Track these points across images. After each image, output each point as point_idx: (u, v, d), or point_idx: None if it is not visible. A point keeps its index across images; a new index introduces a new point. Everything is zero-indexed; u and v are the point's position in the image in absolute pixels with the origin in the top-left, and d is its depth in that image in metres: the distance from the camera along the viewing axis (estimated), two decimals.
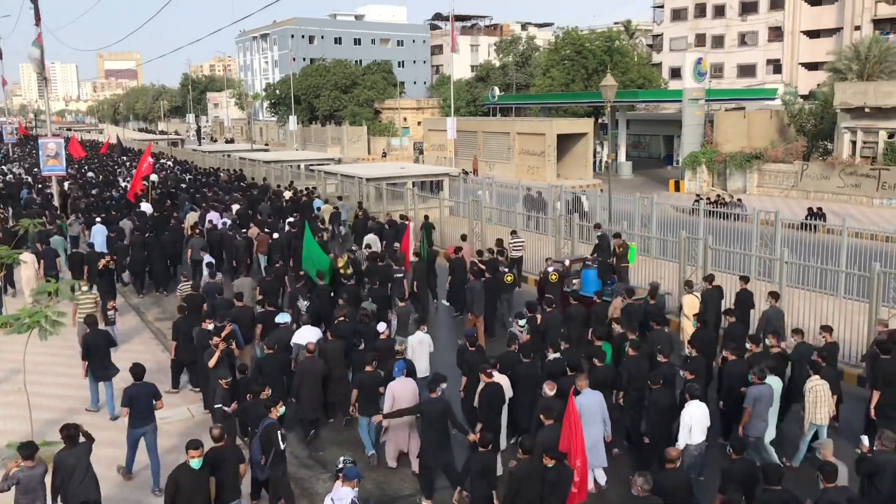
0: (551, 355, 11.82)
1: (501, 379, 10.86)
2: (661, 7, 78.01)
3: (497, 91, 71.14)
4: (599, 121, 61.38)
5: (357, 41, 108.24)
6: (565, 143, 52.07)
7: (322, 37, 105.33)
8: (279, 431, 9.67)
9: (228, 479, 9.11)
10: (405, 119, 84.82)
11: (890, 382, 10.99)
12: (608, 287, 17.17)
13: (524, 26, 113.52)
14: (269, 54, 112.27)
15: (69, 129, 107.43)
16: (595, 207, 27.60)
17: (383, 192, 30.58)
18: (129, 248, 21.46)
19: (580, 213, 26.55)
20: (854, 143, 39.03)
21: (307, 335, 12.97)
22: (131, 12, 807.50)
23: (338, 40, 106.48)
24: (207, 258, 19.52)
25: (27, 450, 8.77)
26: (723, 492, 8.14)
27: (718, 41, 72.27)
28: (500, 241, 20.21)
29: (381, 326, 13.09)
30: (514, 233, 22.19)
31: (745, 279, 15.78)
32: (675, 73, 66.92)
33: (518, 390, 11.10)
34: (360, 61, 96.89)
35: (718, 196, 35.79)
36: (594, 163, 57.09)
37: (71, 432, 9.07)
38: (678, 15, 75.65)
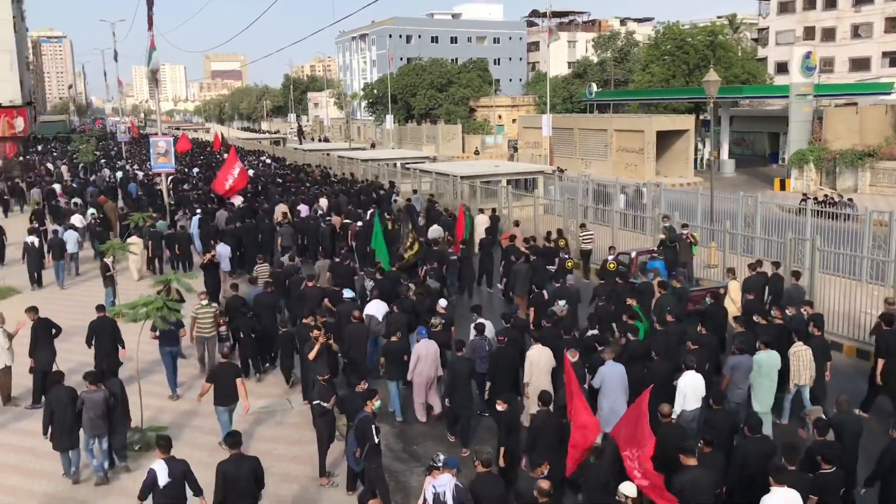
0: (589, 332, 13.08)
1: (544, 352, 11.81)
2: (768, 0, 75.17)
3: (594, 87, 70.20)
4: (701, 117, 59.71)
5: (453, 39, 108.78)
6: (665, 140, 50.87)
7: (419, 36, 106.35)
8: (373, 425, 9.79)
9: None
10: (500, 117, 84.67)
11: (891, 352, 12.04)
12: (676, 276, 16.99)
13: (623, 21, 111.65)
14: (368, 54, 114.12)
15: (177, 129, 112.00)
16: (659, 200, 27.46)
17: (477, 189, 30.59)
18: (222, 234, 22.94)
19: (641, 207, 27.35)
20: None
21: (375, 308, 14.77)
22: (236, 15, 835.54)
23: (434, 39, 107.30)
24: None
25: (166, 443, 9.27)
26: (702, 436, 8.96)
27: (829, 34, 69.04)
28: (559, 231, 21.18)
29: (443, 303, 14.58)
30: (583, 226, 22.81)
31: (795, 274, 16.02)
32: (782, 67, 64.40)
33: (557, 360, 11.99)
34: (456, 59, 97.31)
35: (826, 195, 34.25)
36: (695, 160, 55.55)
37: (238, 439, 9.31)
38: (785, 7, 72.68)
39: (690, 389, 10.63)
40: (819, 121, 45.43)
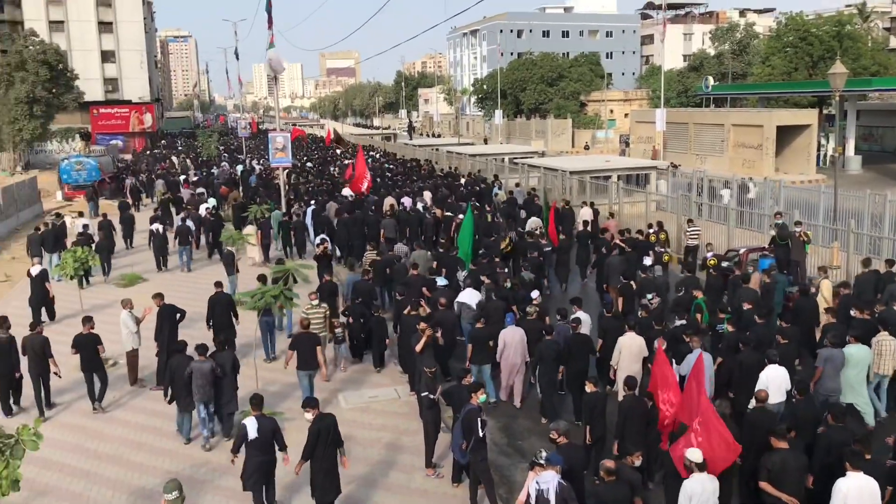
0: (678, 321, 13.46)
1: (636, 339, 12.35)
2: None
3: (711, 81, 67.95)
4: (825, 112, 56.92)
5: (565, 33, 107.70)
6: (785, 135, 48.72)
7: (530, 31, 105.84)
8: (479, 418, 9.84)
9: None
10: (611, 111, 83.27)
11: None
12: (787, 278, 16.76)
13: (742, 13, 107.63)
14: (478, 50, 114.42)
15: (294, 124, 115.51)
16: (764, 195, 26.98)
17: (587, 185, 30.22)
18: (332, 224, 24.34)
19: (748, 202, 27.30)
20: None
21: (468, 296, 15.55)
22: (351, 14, 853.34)
23: (546, 33, 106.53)
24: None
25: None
26: (785, 424, 9.11)
27: None
28: (659, 224, 21.37)
29: (535, 293, 15.07)
30: (690, 221, 22.70)
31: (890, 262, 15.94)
32: None
33: (650, 348, 12.47)
34: (568, 54, 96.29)
35: None
36: (818, 157, 52.98)
37: (313, 403, 9.95)
38: None
39: (772, 382, 10.72)
40: None
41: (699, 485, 8.11)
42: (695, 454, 8.28)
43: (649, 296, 14.92)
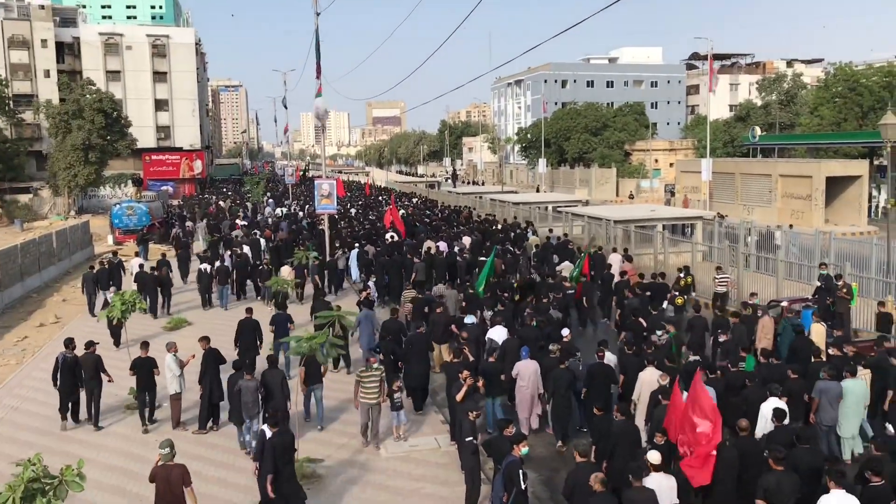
0: (691, 357, 14.34)
1: (655, 373, 12.88)
2: None
3: (758, 131, 67.42)
4: (876, 163, 55.94)
5: (609, 83, 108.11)
6: (835, 186, 47.92)
7: (574, 80, 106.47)
8: (521, 470, 9.66)
9: None
10: (656, 160, 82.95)
11: None
12: (829, 329, 16.57)
13: (790, 63, 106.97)
14: (522, 99, 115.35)
15: (339, 172, 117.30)
16: (787, 244, 27.76)
17: (631, 234, 29.98)
18: (371, 265, 26.50)
19: (768, 248, 28.35)
20: None
21: (497, 333, 16.22)
22: (398, 64, 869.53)
23: (590, 83, 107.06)
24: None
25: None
26: (767, 448, 9.77)
27: None
28: (686, 268, 23.09)
29: (565, 331, 15.85)
30: (718, 268, 23.24)
31: None
32: None
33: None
34: (612, 103, 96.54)
35: None
36: (869, 208, 51.94)
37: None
38: None
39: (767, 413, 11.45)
40: None
41: (656, 482, 9.19)
42: (654, 456, 9.44)
43: (659, 332, 15.84)
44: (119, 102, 66.76)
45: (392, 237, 31.48)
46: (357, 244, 29.59)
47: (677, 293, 20.34)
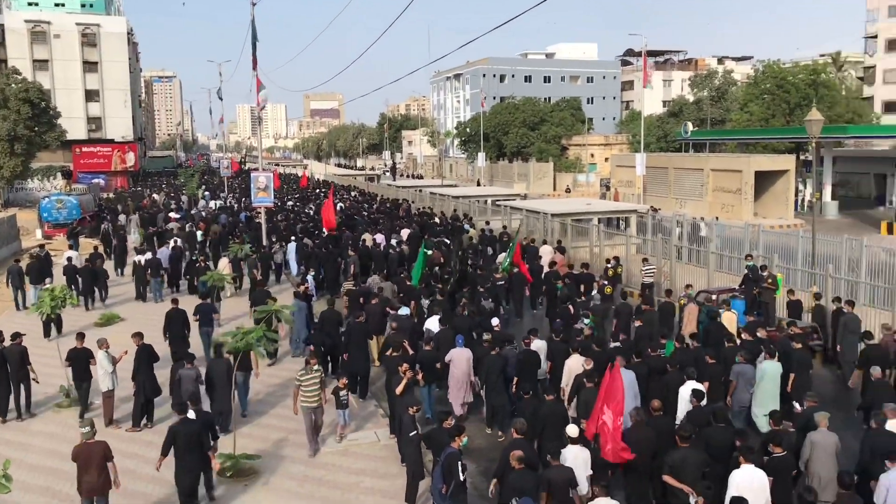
0: (612, 344, 15.23)
1: (580, 360, 13.42)
2: (875, 38, 72.63)
3: (690, 126, 68.97)
4: (802, 158, 57.84)
5: (546, 79, 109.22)
6: (764, 180, 49.40)
7: (513, 75, 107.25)
8: (460, 462, 9.75)
9: None
10: (592, 155, 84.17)
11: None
12: (757, 318, 16.93)
13: (721, 60, 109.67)
14: (462, 93, 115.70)
15: (276, 165, 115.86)
16: (712, 235, 28.59)
17: (568, 227, 30.40)
18: (308, 259, 26.43)
19: (698, 240, 29.38)
20: None
21: (433, 323, 16.44)
22: (336, 56, 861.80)
23: (528, 78, 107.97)
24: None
25: None
26: (680, 427, 10.31)
27: None
28: (616, 259, 23.79)
29: (495, 321, 16.33)
30: (645, 259, 24.22)
31: (840, 300, 17.50)
32: (890, 107, 62.03)
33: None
34: (549, 98, 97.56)
35: None
36: (796, 202, 53.70)
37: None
38: (894, 45, 70.09)
39: (684, 397, 12.06)
40: None
41: (571, 453, 10.00)
42: (572, 430, 10.28)
43: (587, 321, 16.75)
44: (47, 93, 64.48)
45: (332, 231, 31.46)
46: (294, 237, 29.61)
47: (605, 283, 20.99)
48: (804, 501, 8.45)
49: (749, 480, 9.04)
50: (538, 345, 14.80)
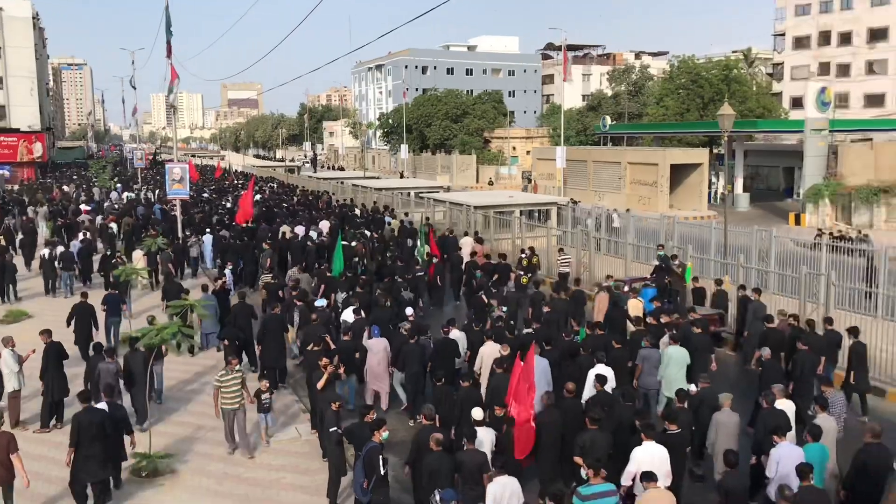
0: (525, 330, 15.67)
1: (494, 347, 13.83)
2: (783, 35, 75.39)
3: (608, 120, 70.33)
4: (715, 151, 59.66)
5: (469, 71, 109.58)
6: (679, 173, 50.80)
7: (435, 67, 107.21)
8: (381, 456, 9.69)
9: None
10: (514, 148, 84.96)
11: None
12: (666, 305, 17.76)
13: (638, 55, 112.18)
14: (384, 84, 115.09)
15: (193, 156, 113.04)
16: (628, 227, 29.57)
17: (491, 220, 30.59)
18: (225, 251, 26.08)
19: (610, 230, 30.29)
20: None
21: (350, 314, 16.43)
22: (254, 45, 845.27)
23: (450, 70, 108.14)
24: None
25: None
26: (588, 410, 10.94)
27: (844, 70, 69.15)
28: (531, 249, 24.23)
29: (409, 311, 16.64)
30: (561, 250, 25.05)
31: (742, 287, 18.39)
32: (797, 102, 64.41)
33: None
34: (472, 91, 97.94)
35: (840, 231, 34.02)
36: (709, 194, 55.41)
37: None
38: (801, 43, 72.90)
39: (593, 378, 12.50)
40: (834, 156, 45.32)
41: (481, 433, 10.40)
42: (477, 412, 10.69)
43: (505, 308, 17.24)
44: None
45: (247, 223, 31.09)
46: (209, 229, 29.20)
47: (520, 273, 21.41)
48: (693, 475, 9.03)
49: (650, 456, 9.53)
50: (457, 334, 14.95)
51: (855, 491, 9.53)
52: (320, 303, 17.79)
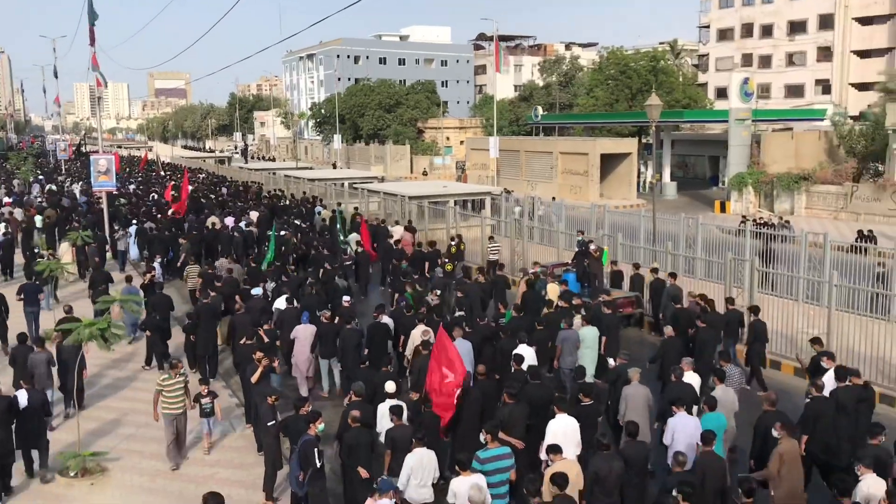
0: (457, 313, 16.03)
1: (389, 321, 14.98)
2: (707, 27, 77.31)
3: (540, 110, 71.06)
4: (644, 141, 60.90)
5: (401, 61, 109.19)
6: (609, 162, 51.67)
7: (367, 57, 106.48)
8: (316, 448, 9.69)
9: None
10: (448, 138, 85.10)
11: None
12: (585, 289, 19.24)
13: (568, 46, 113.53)
14: (315, 74, 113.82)
15: (119, 147, 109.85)
16: (557, 214, 30.49)
17: (425, 210, 30.66)
18: (152, 243, 25.64)
19: (535, 218, 31.16)
20: None
21: (282, 303, 16.65)
22: (182, 33, 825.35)
23: (382, 60, 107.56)
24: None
25: None
26: (505, 387, 11.33)
27: (765, 61, 71.33)
28: (459, 236, 24.92)
29: (346, 298, 16.97)
30: (491, 238, 25.45)
31: (655, 270, 19.34)
32: (722, 93, 66.17)
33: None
34: (404, 81, 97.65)
35: (763, 218, 35.17)
36: (638, 183, 56.56)
37: None
38: (724, 35, 74.88)
39: (528, 355, 12.88)
40: (757, 145, 46.76)
41: (386, 406, 10.76)
42: (389, 385, 11.21)
43: (438, 292, 17.71)
44: None
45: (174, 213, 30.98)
46: (136, 221, 28.76)
47: (447, 260, 22.07)
48: (600, 444, 9.45)
49: (563, 427, 10.09)
50: (387, 319, 15.41)
51: (758, 459, 10.19)
52: (256, 291, 17.81)
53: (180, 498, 11.15)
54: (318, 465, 9.69)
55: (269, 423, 11.07)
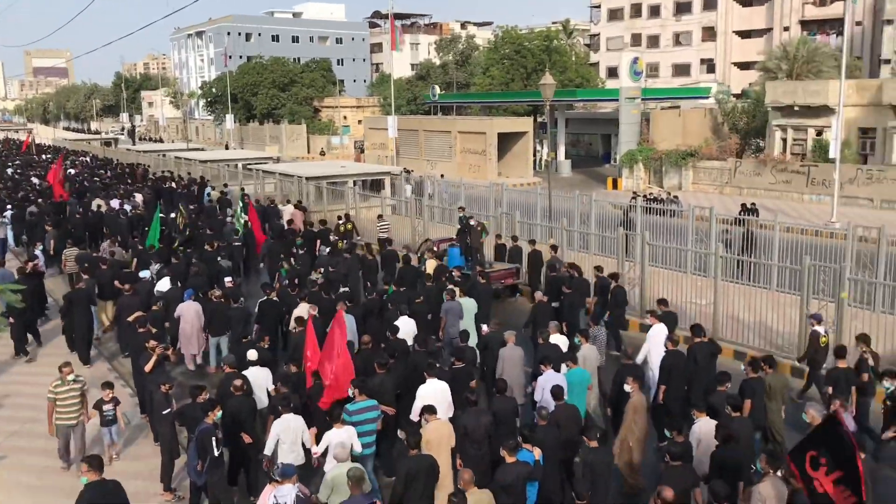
0: (342, 289, 16.22)
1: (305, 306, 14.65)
2: (598, 7, 79.05)
3: (438, 90, 71.11)
4: (539, 120, 61.88)
5: (295, 39, 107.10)
6: (506, 141, 52.29)
7: (259, 34, 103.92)
8: (213, 437, 9.51)
9: None
10: (345, 117, 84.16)
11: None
12: (468, 262, 20.02)
13: (463, 25, 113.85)
14: (205, 52, 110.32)
15: None
16: (440, 192, 31.71)
17: (324, 191, 30.28)
18: (32, 229, 25.42)
19: (425, 196, 31.17)
20: (785, 140, 40.12)
21: (166, 284, 16.76)
22: (61, 7, 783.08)
23: (275, 38, 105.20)
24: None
25: None
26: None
27: (654, 41, 73.59)
28: (347, 216, 25.25)
29: (227, 279, 17.17)
30: (380, 217, 25.95)
31: (532, 242, 20.17)
32: (613, 72, 67.94)
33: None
34: (299, 59, 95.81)
35: (652, 193, 36.37)
36: (534, 161, 57.50)
37: None
38: (614, 15, 76.79)
39: (407, 329, 13.57)
40: (647, 123, 48.24)
41: (251, 373, 11.30)
42: (251, 354, 11.61)
43: (322, 271, 18.16)
44: None
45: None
46: (13, 206, 27.91)
47: (336, 238, 22.45)
48: (468, 401, 10.22)
49: (433, 391, 10.63)
50: (275, 298, 15.69)
51: (615, 409, 11.49)
52: (144, 273, 17.78)
53: (72, 494, 10.65)
54: (217, 453, 9.51)
55: (164, 412, 10.77)
